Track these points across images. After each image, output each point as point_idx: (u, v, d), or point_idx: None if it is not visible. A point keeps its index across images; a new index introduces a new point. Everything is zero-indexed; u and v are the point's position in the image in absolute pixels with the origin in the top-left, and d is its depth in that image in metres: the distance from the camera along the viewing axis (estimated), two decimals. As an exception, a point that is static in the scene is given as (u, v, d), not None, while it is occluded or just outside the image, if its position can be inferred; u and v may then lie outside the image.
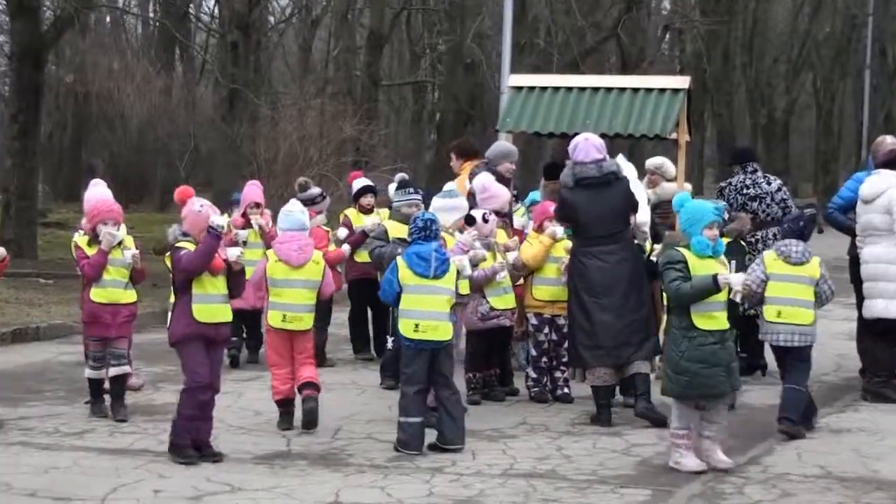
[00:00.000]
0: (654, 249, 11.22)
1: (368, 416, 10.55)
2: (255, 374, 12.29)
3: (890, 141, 12.01)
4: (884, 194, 11.39)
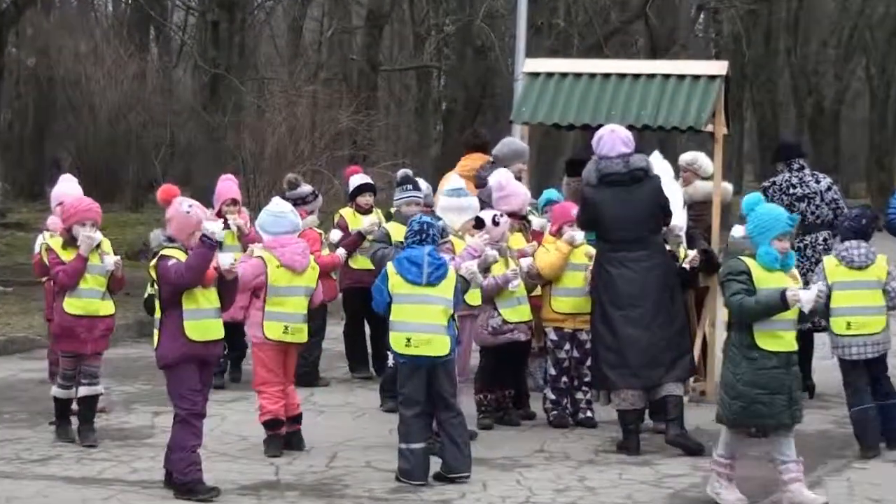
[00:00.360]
0: (687, 256, 11.22)
1: (366, 442, 10.54)
2: (239, 394, 12.31)
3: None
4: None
